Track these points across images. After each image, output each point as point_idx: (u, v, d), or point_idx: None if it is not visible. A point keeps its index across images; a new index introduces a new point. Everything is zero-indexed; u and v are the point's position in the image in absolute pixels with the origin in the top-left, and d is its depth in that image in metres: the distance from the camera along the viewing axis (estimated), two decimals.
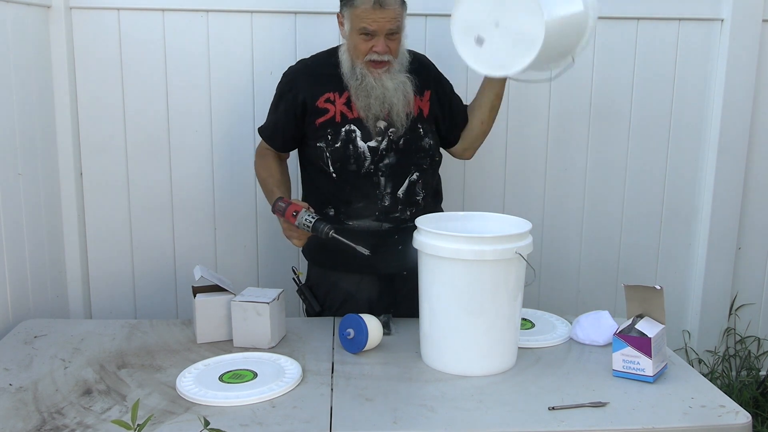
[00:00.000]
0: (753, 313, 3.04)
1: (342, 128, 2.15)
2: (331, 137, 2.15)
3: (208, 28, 2.63)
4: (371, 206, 2.18)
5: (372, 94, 2.10)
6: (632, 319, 1.81)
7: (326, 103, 2.16)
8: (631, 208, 2.92)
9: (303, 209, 1.95)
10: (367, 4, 2.02)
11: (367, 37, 2.07)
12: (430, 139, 2.23)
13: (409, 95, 2.14)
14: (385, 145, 2.16)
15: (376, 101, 2.10)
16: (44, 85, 2.49)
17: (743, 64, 2.77)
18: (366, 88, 2.10)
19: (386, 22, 2.04)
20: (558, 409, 1.62)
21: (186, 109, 2.68)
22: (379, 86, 2.10)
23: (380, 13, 2.03)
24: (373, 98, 2.10)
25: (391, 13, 2.04)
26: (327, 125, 2.16)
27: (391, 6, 2.03)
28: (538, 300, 2.76)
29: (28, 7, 2.37)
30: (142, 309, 2.80)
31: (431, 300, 1.83)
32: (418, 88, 2.19)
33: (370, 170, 2.17)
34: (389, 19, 2.04)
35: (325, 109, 2.16)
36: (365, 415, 1.60)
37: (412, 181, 2.20)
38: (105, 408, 1.62)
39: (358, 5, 2.04)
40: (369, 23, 2.04)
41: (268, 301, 1.95)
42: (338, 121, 2.15)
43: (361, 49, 2.09)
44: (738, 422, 1.59)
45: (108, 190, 2.70)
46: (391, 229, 2.19)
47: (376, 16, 2.03)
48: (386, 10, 2.03)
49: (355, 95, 2.12)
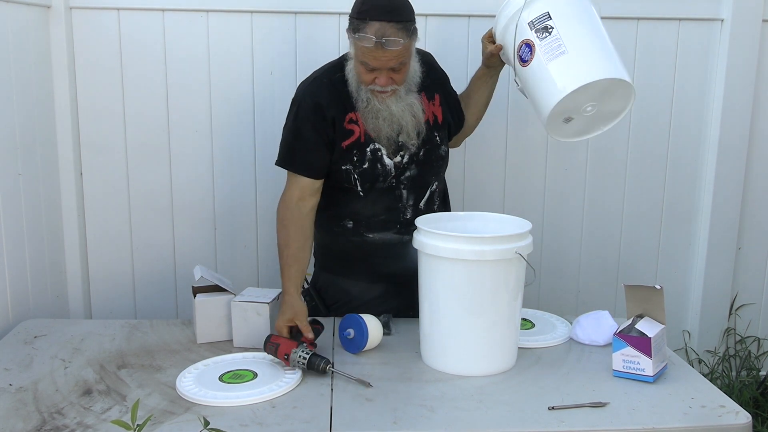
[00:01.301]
0: (753, 313, 3.04)
1: (367, 148, 2.07)
2: (357, 158, 2.07)
3: (208, 28, 2.63)
4: (393, 219, 2.14)
5: (380, 116, 2.03)
6: (632, 319, 1.81)
7: (351, 123, 2.06)
8: (631, 208, 2.92)
9: (293, 349, 1.80)
10: (368, 42, 1.90)
11: (369, 70, 1.98)
12: (445, 145, 2.19)
13: (418, 115, 2.07)
14: (407, 159, 2.11)
15: (385, 122, 2.03)
16: (44, 85, 2.49)
17: (743, 64, 2.77)
18: (372, 110, 2.03)
19: (388, 61, 1.94)
20: (558, 409, 1.62)
21: (186, 109, 2.68)
22: (385, 108, 2.02)
23: (383, 53, 1.91)
24: (381, 120, 2.03)
25: (394, 53, 1.92)
26: (353, 147, 2.07)
27: (394, 47, 1.90)
28: (538, 300, 2.76)
29: (28, 7, 2.37)
30: (142, 309, 2.80)
31: (431, 300, 1.83)
32: (429, 93, 2.14)
33: (392, 184, 2.12)
34: (391, 58, 1.93)
35: (350, 130, 2.06)
36: (365, 415, 1.60)
37: (432, 192, 2.18)
38: (105, 408, 1.62)
39: (361, 41, 1.92)
40: (370, 60, 1.94)
41: (268, 301, 1.95)
42: (362, 141, 2.07)
43: (364, 79, 2.00)
44: (738, 422, 1.59)
45: (108, 190, 2.70)
46: (411, 240, 1.98)
47: (377, 54, 1.92)
48: (389, 51, 1.91)
49: (364, 117, 2.05)
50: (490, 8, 2.70)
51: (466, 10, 2.69)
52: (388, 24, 1.90)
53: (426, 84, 2.13)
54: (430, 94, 2.15)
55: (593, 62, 1.93)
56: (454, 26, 2.71)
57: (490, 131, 2.77)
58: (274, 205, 2.78)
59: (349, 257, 2.18)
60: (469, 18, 2.71)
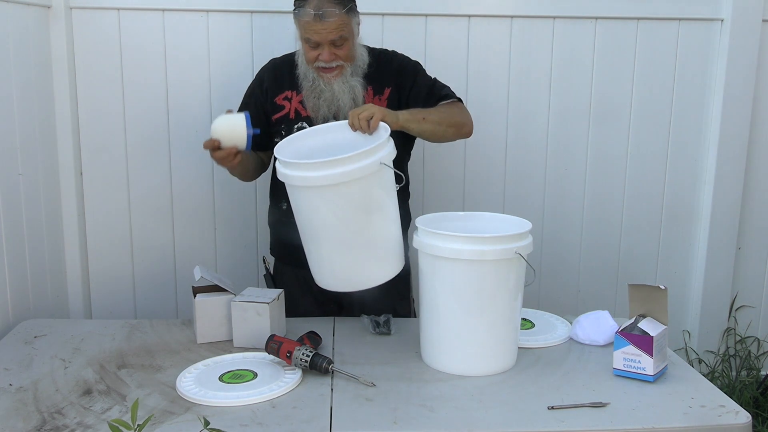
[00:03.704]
0: (753, 313, 3.04)
1: (294, 125, 2.19)
2: (285, 133, 2.18)
3: (208, 28, 2.63)
4: None
5: (321, 95, 2.13)
6: (635, 318, 1.81)
7: (284, 100, 2.22)
8: (631, 208, 2.92)
9: (296, 347, 1.80)
10: (307, 17, 2.03)
11: (313, 46, 2.09)
12: None
13: (357, 99, 2.14)
14: None
15: (325, 103, 2.13)
16: (44, 85, 2.49)
17: (743, 64, 2.78)
18: (316, 90, 2.14)
19: (328, 33, 2.05)
20: (558, 408, 1.62)
21: (186, 108, 2.68)
22: (328, 89, 2.12)
23: (321, 24, 2.03)
24: (322, 100, 2.13)
25: (332, 25, 2.03)
26: (281, 121, 2.22)
27: (332, 18, 2.02)
28: (538, 300, 2.76)
29: (28, 7, 2.37)
30: (142, 309, 2.80)
31: (431, 300, 1.83)
32: (378, 87, 2.19)
33: None
34: (331, 30, 2.04)
35: (281, 105, 2.22)
36: (365, 415, 1.60)
37: None
38: (105, 408, 1.62)
39: (301, 16, 2.06)
40: (311, 34, 2.06)
41: (268, 301, 1.95)
42: (292, 117, 2.20)
43: (309, 56, 2.11)
44: (738, 422, 1.59)
45: (108, 190, 2.70)
46: None
47: (317, 27, 2.04)
48: (327, 22, 2.03)
49: (306, 96, 2.16)
50: (489, 8, 2.71)
51: (466, 11, 2.70)
52: None
53: (377, 77, 2.18)
54: (379, 87, 2.19)
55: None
56: (454, 26, 2.71)
57: (490, 131, 2.78)
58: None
59: (290, 243, 2.13)
60: (469, 18, 2.71)
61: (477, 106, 2.74)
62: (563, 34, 2.75)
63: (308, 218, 1.91)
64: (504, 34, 2.73)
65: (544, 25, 2.74)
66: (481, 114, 2.74)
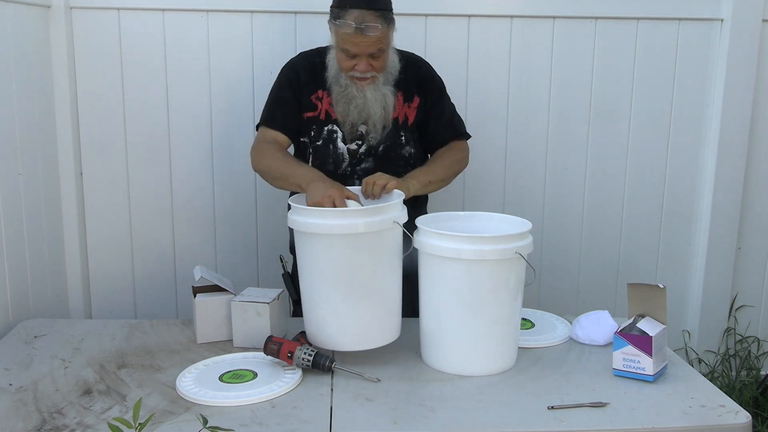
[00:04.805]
0: (753, 313, 3.04)
1: (325, 127, 2.18)
2: (314, 133, 2.18)
3: (208, 28, 2.63)
4: None
5: (353, 102, 2.12)
6: (634, 318, 1.81)
7: (317, 100, 2.19)
8: (631, 208, 2.92)
9: (297, 347, 1.80)
10: (348, 29, 2.01)
11: (350, 57, 2.07)
12: (411, 147, 2.23)
13: (388, 108, 2.14)
14: (364, 149, 2.17)
15: (356, 109, 2.13)
16: (44, 85, 2.49)
17: (743, 64, 2.77)
18: (347, 95, 2.13)
19: (368, 46, 2.04)
20: (558, 408, 1.62)
21: (186, 109, 2.68)
22: (361, 96, 2.12)
23: (362, 38, 2.02)
24: (352, 106, 2.13)
25: (372, 38, 2.03)
26: (312, 121, 2.20)
27: (374, 33, 2.02)
28: (538, 300, 2.76)
29: (28, 7, 2.37)
30: (142, 309, 2.80)
31: (431, 300, 1.83)
32: (408, 94, 2.19)
33: (347, 172, 2.18)
34: (371, 44, 2.04)
35: (315, 105, 2.19)
36: (365, 415, 1.60)
37: None
38: (105, 408, 1.62)
39: (341, 28, 2.03)
40: (350, 46, 2.05)
41: (268, 301, 1.95)
42: (322, 119, 2.19)
43: (344, 66, 2.10)
44: (738, 422, 1.59)
45: (108, 190, 2.70)
46: None
47: (357, 40, 2.03)
48: (368, 36, 2.02)
49: (336, 100, 2.15)
50: (489, 8, 2.71)
51: (466, 11, 2.70)
52: (367, 11, 2.01)
53: (406, 84, 2.19)
54: (409, 94, 2.20)
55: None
56: (454, 26, 2.71)
57: (490, 131, 2.78)
58: (274, 205, 2.80)
59: None
60: (469, 18, 2.71)
61: (477, 106, 2.75)
62: (563, 34, 2.75)
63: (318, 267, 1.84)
64: (504, 34, 2.73)
65: (544, 25, 2.74)
66: (481, 114, 2.75)
